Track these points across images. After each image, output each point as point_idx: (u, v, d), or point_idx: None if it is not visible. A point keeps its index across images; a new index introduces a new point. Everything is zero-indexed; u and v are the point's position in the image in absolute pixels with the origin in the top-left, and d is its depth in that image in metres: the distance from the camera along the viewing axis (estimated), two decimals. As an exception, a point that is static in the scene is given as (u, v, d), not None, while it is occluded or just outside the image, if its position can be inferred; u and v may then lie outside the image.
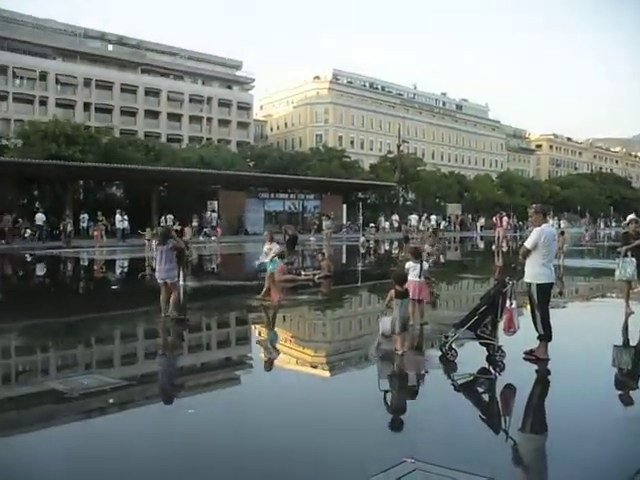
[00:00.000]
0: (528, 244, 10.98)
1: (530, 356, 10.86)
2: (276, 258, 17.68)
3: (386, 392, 9.68)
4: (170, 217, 49.99)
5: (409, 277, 13.20)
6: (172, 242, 15.16)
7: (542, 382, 10.23)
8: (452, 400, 9.04)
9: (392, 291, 11.60)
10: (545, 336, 10.83)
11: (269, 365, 11.49)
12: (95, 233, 44.39)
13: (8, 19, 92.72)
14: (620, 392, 10.08)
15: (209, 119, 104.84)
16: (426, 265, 14.01)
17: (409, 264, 13.78)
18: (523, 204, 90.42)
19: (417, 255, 13.96)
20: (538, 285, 10.85)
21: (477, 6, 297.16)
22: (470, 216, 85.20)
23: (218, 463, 6.60)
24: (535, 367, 10.53)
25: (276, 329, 15.09)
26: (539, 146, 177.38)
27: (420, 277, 13.61)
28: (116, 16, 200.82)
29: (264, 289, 17.33)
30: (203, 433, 7.51)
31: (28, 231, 46.90)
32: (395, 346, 11.39)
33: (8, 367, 11.52)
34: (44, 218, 47.12)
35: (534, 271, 10.88)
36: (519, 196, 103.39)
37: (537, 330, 10.90)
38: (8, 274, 29.99)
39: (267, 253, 17.79)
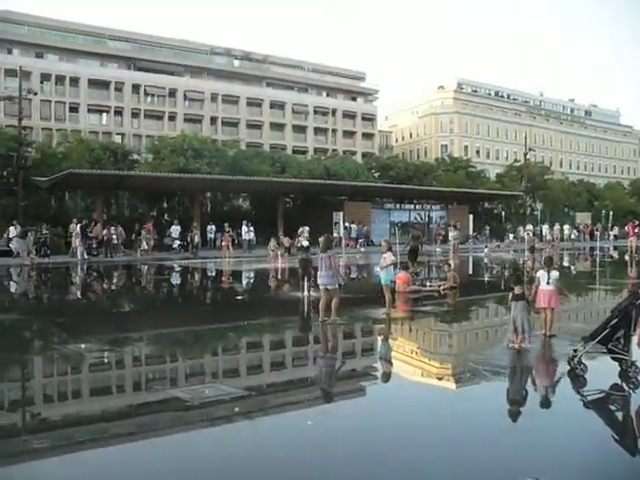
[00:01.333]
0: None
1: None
2: (391, 269, 17.40)
3: (513, 404, 9.41)
4: (306, 229, 50.41)
5: (540, 286, 13.50)
6: (333, 251, 15.84)
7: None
8: (580, 417, 8.63)
9: (510, 294, 12.48)
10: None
11: (394, 377, 11.33)
12: (223, 244, 45.01)
13: (141, 41, 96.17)
14: None
15: (334, 130, 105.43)
16: (556, 274, 13.66)
17: (540, 272, 13.76)
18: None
19: (548, 264, 13.87)
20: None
21: (602, 6, 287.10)
22: (601, 225, 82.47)
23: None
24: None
25: (401, 340, 14.91)
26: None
27: (548, 284, 13.43)
28: (242, 32, 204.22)
29: (387, 303, 17.04)
30: (317, 445, 7.42)
31: (177, 242, 48.38)
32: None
33: (137, 374, 11.74)
34: (179, 230, 48.57)
35: (670, 282, 10.30)
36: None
37: None
38: (139, 284, 30.80)
39: (382, 264, 17.50)
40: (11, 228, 40.91)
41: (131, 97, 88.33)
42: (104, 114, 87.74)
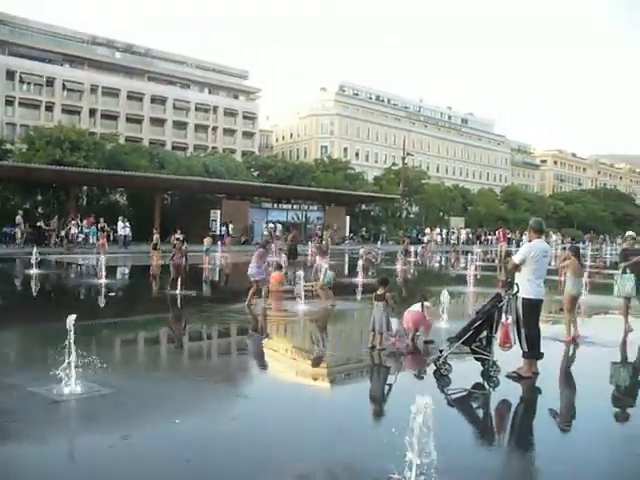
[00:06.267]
0: (516, 259, 10.96)
1: (513, 374, 10.76)
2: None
3: (376, 403, 9.80)
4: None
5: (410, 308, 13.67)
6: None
7: (526, 401, 10.14)
8: (444, 415, 8.93)
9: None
10: (529, 354, 10.73)
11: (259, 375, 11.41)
12: (101, 241, 42.98)
13: (16, 25, 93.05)
14: (617, 409, 10.07)
15: (214, 128, 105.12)
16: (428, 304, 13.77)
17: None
18: (527, 219, 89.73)
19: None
20: (524, 300, 10.73)
21: (483, 20, 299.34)
22: (481, 230, 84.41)
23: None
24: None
25: (266, 339, 15.07)
26: (544, 161, 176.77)
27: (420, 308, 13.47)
28: (125, 24, 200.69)
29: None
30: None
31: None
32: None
33: None
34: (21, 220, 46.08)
35: (522, 286, 10.74)
36: (523, 211, 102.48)
37: (521, 347, 10.78)
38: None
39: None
40: None
41: (5, 84, 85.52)
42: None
